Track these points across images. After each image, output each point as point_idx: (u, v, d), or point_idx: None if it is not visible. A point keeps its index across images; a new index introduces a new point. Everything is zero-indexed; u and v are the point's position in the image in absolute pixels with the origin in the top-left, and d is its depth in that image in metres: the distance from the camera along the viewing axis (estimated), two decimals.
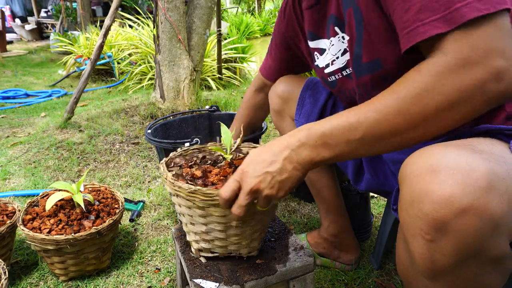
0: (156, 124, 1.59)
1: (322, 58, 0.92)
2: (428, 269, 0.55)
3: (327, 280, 1.19)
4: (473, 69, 0.52)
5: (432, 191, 0.51)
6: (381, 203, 1.65)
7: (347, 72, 0.86)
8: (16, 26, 9.59)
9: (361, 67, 0.79)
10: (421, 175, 0.53)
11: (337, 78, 0.90)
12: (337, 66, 0.88)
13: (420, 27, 0.56)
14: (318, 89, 1.08)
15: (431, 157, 0.53)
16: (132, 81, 3.92)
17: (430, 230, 0.51)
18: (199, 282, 0.80)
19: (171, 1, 2.55)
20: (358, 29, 0.75)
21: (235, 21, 8.90)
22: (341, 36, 0.83)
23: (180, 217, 0.86)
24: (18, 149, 2.34)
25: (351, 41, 0.79)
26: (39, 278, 1.24)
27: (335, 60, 0.88)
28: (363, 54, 0.77)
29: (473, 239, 0.50)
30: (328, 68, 0.91)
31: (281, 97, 1.12)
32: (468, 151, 0.53)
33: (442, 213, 0.50)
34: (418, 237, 0.53)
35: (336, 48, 0.86)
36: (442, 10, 0.54)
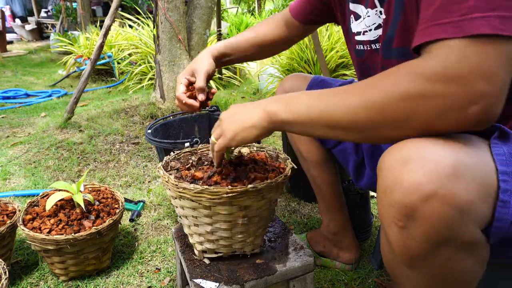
0: (156, 124, 1.59)
1: (357, 24, 0.88)
2: (404, 256, 0.56)
3: (327, 280, 1.19)
4: (450, 81, 0.50)
5: (402, 179, 0.52)
6: None
7: (376, 47, 0.84)
8: (16, 26, 9.59)
9: (390, 50, 0.77)
10: (394, 165, 0.54)
11: (365, 49, 0.88)
12: (368, 38, 0.85)
13: (430, 28, 0.54)
14: (323, 87, 1.09)
15: (404, 149, 0.54)
16: (132, 81, 3.92)
17: (401, 217, 0.53)
18: (199, 282, 0.80)
19: (171, 1, 2.55)
20: (396, 10, 0.72)
21: (235, 21, 8.90)
22: (379, 10, 0.80)
23: (182, 220, 0.86)
24: (18, 149, 2.34)
25: (387, 21, 0.76)
26: (39, 278, 1.24)
27: (367, 31, 0.85)
28: (395, 38, 0.74)
29: (442, 225, 0.51)
30: (360, 36, 0.88)
31: (287, 92, 1.13)
32: (440, 143, 0.53)
33: (410, 199, 0.51)
34: (392, 225, 0.55)
35: (371, 21, 0.83)
36: (458, 15, 0.51)
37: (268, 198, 0.81)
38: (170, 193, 0.82)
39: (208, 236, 0.83)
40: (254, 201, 0.78)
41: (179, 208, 0.84)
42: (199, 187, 0.75)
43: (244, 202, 0.77)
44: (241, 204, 0.77)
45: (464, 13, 0.51)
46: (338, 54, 3.15)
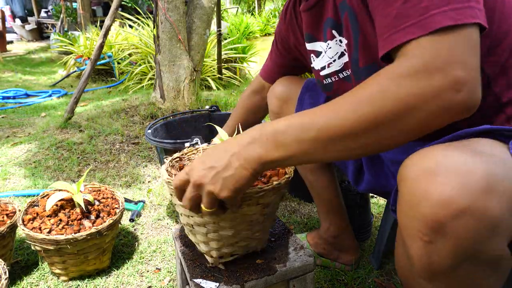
0: (156, 124, 1.59)
1: (318, 61, 0.92)
2: (426, 271, 0.55)
3: (327, 280, 1.19)
4: (433, 75, 0.51)
5: (430, 192, 0.50)
6: (381, 203, 1.65)
7: (344, 75, 0.86)
8: (16, 26, 9.59)
9: (359, 71, 0.79)
10: (420, 176, 0.52)
11: (333, 81, 0.90)
12: (334, 69, 0.88)
13: (394, 34, 0.56)
14: (317, 91, 1.08)
15: (430, 159, 0.53)
16: (132, 81, 3.92)
17: (428, 232, 0.51)
18: (199, 282, 0.80)
19: (171, 1, 2.55)
20: (354, 33, 0.75)
21: (235, 21, 8.90)
22: (338, 39, 0.83)
23: (195, 229, 0.82)
24: (18, 149, 2.34)
25: (349, 45, 0.79)
26: (40, 278, 1.24)
27: (331, 63, 0.88)
28: (360, 58, 0.77)
29: (471, 241, 0.50)
30: (324, 71, 0.91)
31: (279, 98, 1.12)
32: (467, 152, 0.52)
33: (440, 214, 0.50)
34: (416, 238, 0.53)
35: (333, 51, 0.86)
36: (417, 16, 0.53)
37: (282, 193, 0.82)
38: (181, 203, 0.77)
39: (228, 240, 0.82)
40: (274, 197, 0.79)
41: (194, 218, 0.79)
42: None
43: (266, 200, 0.78)
44: (265, 202, 0.78)
45: (422, 13, 0.53)
46: None
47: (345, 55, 0.83)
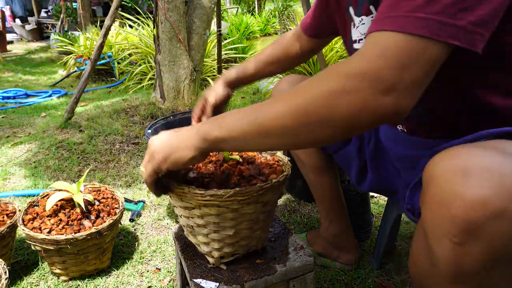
0: (156, 124, 1.59)
1: (354, 31, 0.89)
2: (453, 273, 0.53)
3: (327, 280, 1.19)
4: (365, 76, 0.51)
5: (464, 192, 0.49)
6: (381, 203, 1.65)
7: None
8: (16, 26, 9.59)
9: None
10: (451, 175, 0.51)
11: None
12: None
13: (380, 20, 0.55)
14: None
15: (461, 158, 0.52)
16: (132, 81, 3.92)
17: (459, 233, 0.50)
18: (199, 282, 0.81)
19: (171, 1, 2.55)
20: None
21: (235, 21, 8.90)
22: (373, 15, 0.79)
23: (195, 230, 0.82)
24: (18, 149, 2.34)
25: None
26: (40, 277, 1.24)
27: (362, 39, 0.85)
28: None
29: (505, 244, 0.49)
30: (356, 44, 0.88)
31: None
32: (499, 153, 0.51)
33: (474, 216, 0.48)
34: (445, 239, 0.52)
35: (366, 28, 0.82)
36: (404, 11, 0.52)
37: (280, 190, 0.83)
38: (185, 204, 0.78)
39: (229, 240, 0.82)
40: (274, 195, 0.80)
41: (195, 219, 0.79)
42: (230, 190, 0.73)
43: (266, 198, 0.78)
44: (265, 200, 0.78)
45: (409, 10, 0.52)
46: (338, 54, 3.15)
47: None
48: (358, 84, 0.51)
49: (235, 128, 0.62)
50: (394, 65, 0.51)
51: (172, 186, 0.77)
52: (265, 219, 0.84)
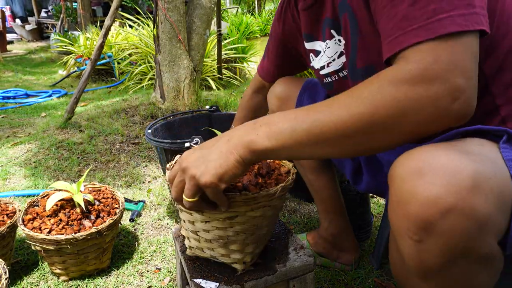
0: (156, 124, 1.59)
1: (318, 60, 0.92)
2: (418, 269, 0.55)
3: (327, 280, 1.19)
4: (431, 81, 0.51)
5: (418, 192, 0.51)
6: (381, 203, 1.65)
7: (344, 74, 0.86)
8: (16, 26, 9.59)
9: (356, 72, 0.79)
10: (408, 176, 0.52)
11: (333, 80, 0.90)
12: (333, 68, 0.88)
13: (401, 36, 0.55)
14: (316, 90, 1.08)
15: (418, 159, 0.53)
16: (132, 81, 3.92)
17: (417, 231, 0.51)
18: (199, 282, 0.81)
19: (171, 1, 2.55)
20: (353, 34, 0.75)
21: (235, 21, 8.90)
22: (337, 39, 0.83)
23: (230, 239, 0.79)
24: (18, 149, 2.34)
25: (347, 45, 0.79)
26: (40, 277, 1.24)
27: (331, 62, 0.88)
28: (357, 59, 0.77)
29: (460, 239, 0.50)
30: (324, 70, 0.91)
31: (279, 98, 1.12)
32: (456, 152, 0.52)
33: (428, 213, 0.50)
34: (406, 237, 0.53)
35: (333, 51, 0.86)
36: (424, 19, 0.53)
37: (287, 193, 0.85)
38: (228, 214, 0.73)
39: (259, 240, 0.82)
40: (282, 197, 0.80)
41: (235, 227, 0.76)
42: (277, 188, 0.73)
43: (275, 202, 0.78)
44: (273, 204, 0.78)
45: (429, 17, 0.53)
46: None
47: (343, 54, 0.83)
48: (427, 91, 0.51)
49: (287, 138, 0.58)
50: (453, 67, 0.51)
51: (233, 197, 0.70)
52: (273, 221, 0.85)
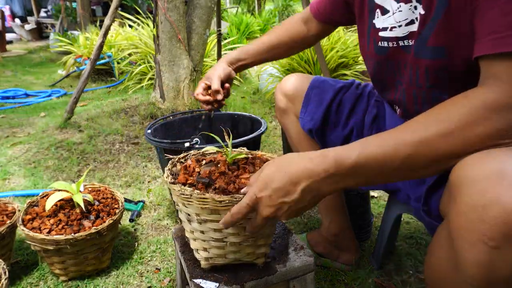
0: (156, 124, 1.58)
1: (383, 19, 0.82)
2: (483, 278, 0.52)
3: (327, 280, 1.19)
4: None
5: (501, 195, 0.48)
6: (381, 203, 1.65)
7: (405, 44, 0.79)
8: (15, 26, 9.58)
9: (424, 49, 0.73)
10: (488, 179, 0.50)
11: (390, 46, 0.82)
12: (396, 34, 0.79)
13: (505, 38, 0.53)
14: (324, 88, 1.08)
15: (493, 161, 0.51)
16: (132, 81, 3.92)
17: (496, 236, 0.49)
18: (199, 282, 0.80)
19: (171, 1, 2.55)
20: (439, 7, 0.68)
21: (235, 21, 8.90)
22: (414, 5, 0.74)
23: (228, 244, 0.79)
24: (18, 149, 2.34)
25: (425, 16, 0.71)
26: (39, 278, 1.24)
27: (395, 27, 0.79)
28: (431, 35, 0.70)
29: None
30: (384, 32, 0.82)
31: (287, 95, 1.13)
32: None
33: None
34: (479, 243, 0.50)
35: (403, 16, 0.77)
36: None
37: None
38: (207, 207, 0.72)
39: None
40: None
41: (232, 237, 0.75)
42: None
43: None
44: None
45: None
46: (338, 54, 3.15)
47: (415, 23, 0.75)
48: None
49: (375, 177, 0.59)
50: None
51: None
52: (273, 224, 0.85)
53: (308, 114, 1.08)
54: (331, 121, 1.08)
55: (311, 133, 1.09)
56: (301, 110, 1.10)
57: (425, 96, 0.78)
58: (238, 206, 0.66)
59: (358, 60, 3.26)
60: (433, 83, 0.74)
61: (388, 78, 0.88)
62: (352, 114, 1.07)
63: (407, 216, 1.53)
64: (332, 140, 1.09)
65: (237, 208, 0.66)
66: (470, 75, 0.65)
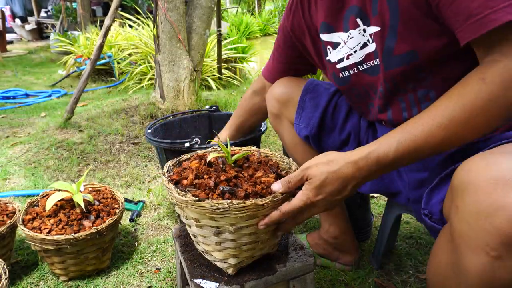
0: (156, 124, 1.58)
1: (336, 53, 0.88)
2: (484, 285, 0.52)
3: (327, 280, 1.19)
4: None
5: (507, 206, 0.47)
6: (381, 203, 1.65)
7: (364, 67, 0.84)
8: (16, 26, 9.59)
9: (391, 60, 0.76)
10: (492, 186, 0.49)
11: (351, 73, 0.87)
12: (353, 61, 0.84)
13: (491, 14, 0.54)
14: (318, 92, 1.05)
15: (498, 166, 0.51)
16: (132, 81, 3.92)
17: (498, 246, 0.48)
18: (199, 282, 0.80)
19: (171, 1, 2.55)
20: (392, 19, 0.72)
21: (235, 21, 8.91)
22: (362, 28, 0.79)
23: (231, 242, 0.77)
24: (18, 149, 2.34)
25: (382, 32, 0.75)
26: (39, 278, 1.24)
27: (351, 54, 0.84)
28: (396, 45, 0.74)
29: None
30: (342, 63, 0.87)
31: (279, 100, 1.08)
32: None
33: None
34: (481, 251, 0.50)
35: (355, 42, 0.82)
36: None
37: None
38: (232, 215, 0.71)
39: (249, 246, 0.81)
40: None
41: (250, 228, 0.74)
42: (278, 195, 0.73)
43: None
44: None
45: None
46: None
47: (367, 45, 0.80)
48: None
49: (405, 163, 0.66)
50: None
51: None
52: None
53: (303, 120, 1.04)
54: (327, 126, 1.04)
55: (307, 139, 1.06)
56: (295, 116, 1.06)
57: (413, 99, 0.81)
58: (290, 207, 0.70)
59: None
60: (414, 84, 0.78)
61: (361, 104, 0.94)
62: (348, 117, 1.04)
63: (407, 216, 1.53)
64: (328, 145, 1.06)
65: (289, 208, 0.70)
66: (448, 63, 0.69)
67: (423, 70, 0.74)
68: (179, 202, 0.73)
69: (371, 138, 1.02)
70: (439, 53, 0.70)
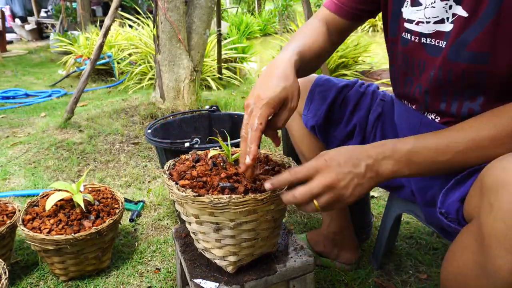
0: (156, 124, 1.58)
1: (411, 11, 0.77)
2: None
3: (327, 280, 1.19)
4: None
5: None
6: (381, 203, 1.65)
7: (427, 42, 0.75)
8: (16, 26, 9.59)
9: (460, 52, 0.69)
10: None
11: (412, 40, 0.78)
12: (421, 30, 0.75)
13: None
14: (328, 86, 1.08)
15: None
16: (132, 81, 3.92)
17: None
18: (199, 282, 0.80)
19: (171, 1, 2.55)
20: (490, 9, 0.63)
21: (235, 21, 8.91)
22: (449, 4, 0.69)
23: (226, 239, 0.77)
24: (18, 149, 2.34)
25: (468, 19, 0.66)
26: (39, 278, 1.24)
27: (423, 22, 0.75)
28: (474, 40, 0.66)
29: None
30: (410, 24, 0.77)
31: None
32: None
33: None
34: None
35: (434, 12, 0.72)
36: None
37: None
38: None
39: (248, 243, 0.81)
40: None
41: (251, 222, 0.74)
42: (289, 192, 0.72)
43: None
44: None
45: None
46: (338, 54, 3.15)
47: (443, 23, 0.71)
48: None
49: (427, 167, 0.66)
50: None
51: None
52: (279, 219, 0.85)
53: (311, 111, 1.08)
54: (334, 118, 1.07)
55: (313, 130, 1.09)
56: (304, 107, 1.10)
57: (458, 95, 0.74)
58: (307, 192, 0.66)
59: (358, 60, 3.27)
60: (469, 83, 0.71)
61: (401, 71, 0.85)
62: (355, 111, 1.07)
63: (407, 216, 1.53)
64: (334, 137, 1.09)
65: (304, 192, 0.66)
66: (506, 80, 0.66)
67: (486, 76, 0.68)
68: (179, 198, 0.73)
69: (379, 132, 1.02)
70: (510, 67, 0.64)
